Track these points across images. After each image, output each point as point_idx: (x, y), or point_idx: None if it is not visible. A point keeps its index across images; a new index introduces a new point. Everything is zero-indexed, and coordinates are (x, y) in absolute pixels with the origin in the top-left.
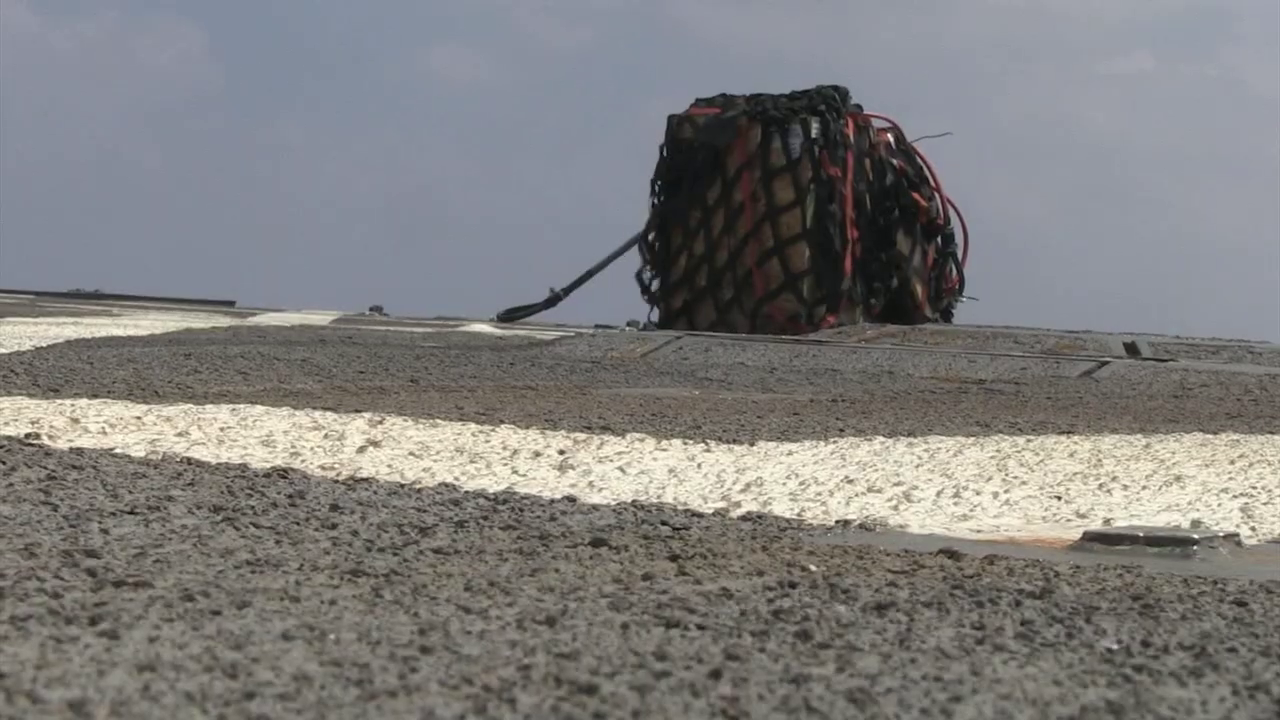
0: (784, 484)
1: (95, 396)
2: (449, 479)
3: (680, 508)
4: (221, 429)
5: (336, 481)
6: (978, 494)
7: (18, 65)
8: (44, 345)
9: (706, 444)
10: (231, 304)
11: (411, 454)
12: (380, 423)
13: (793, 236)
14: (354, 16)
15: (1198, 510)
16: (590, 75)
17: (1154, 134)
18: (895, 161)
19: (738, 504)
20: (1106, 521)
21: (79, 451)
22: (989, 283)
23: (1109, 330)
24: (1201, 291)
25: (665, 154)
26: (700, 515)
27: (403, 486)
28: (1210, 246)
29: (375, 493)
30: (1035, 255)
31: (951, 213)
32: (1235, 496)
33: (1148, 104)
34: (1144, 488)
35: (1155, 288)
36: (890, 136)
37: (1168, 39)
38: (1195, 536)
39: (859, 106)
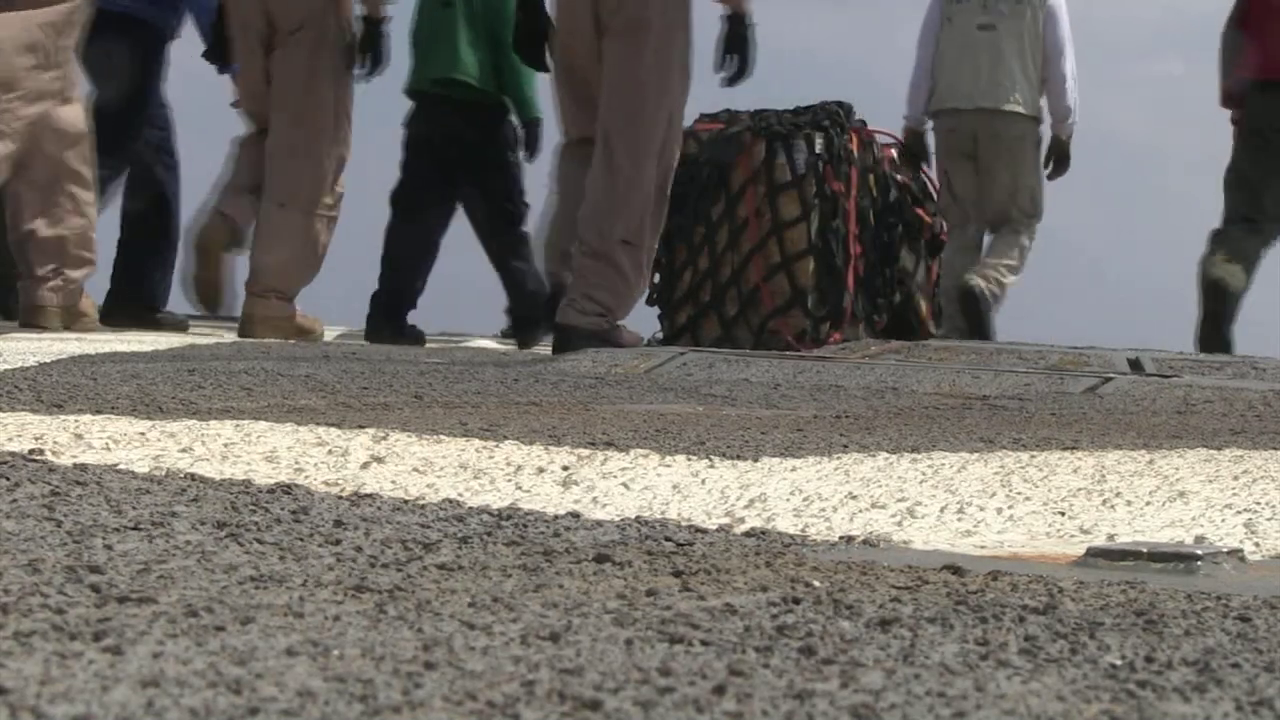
0: (787, 500)
1: (99, 412)
2: (453, 495)
3: (684, 524)
4: (225, 445)
5: (340, 497)
6: (981, 510)
7: None
8: (47, 361)
9: (710, 460)
10: (236, 320)
11: (415, 470)
12: (384, 439)
13: (798, 252)
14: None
15: (1201, 526)
16: None
17: (1183, 139)
18: (899, 177)
19: (741, 520)
20: (1110, 537)
21: (82, 467)
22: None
23: (1113, 346)
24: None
25: None
26: (704, 531)
27: (406, 502)
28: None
29: (379, 509)
30: (1044, 267)
31: None
32: (1239, 512)
33: (1177, 109)
34: (1147, 503)
35: (1170, 300)
36: (894, 152)
37: (1198, 44)
38: (1199, 552)
39: (863, 122)
